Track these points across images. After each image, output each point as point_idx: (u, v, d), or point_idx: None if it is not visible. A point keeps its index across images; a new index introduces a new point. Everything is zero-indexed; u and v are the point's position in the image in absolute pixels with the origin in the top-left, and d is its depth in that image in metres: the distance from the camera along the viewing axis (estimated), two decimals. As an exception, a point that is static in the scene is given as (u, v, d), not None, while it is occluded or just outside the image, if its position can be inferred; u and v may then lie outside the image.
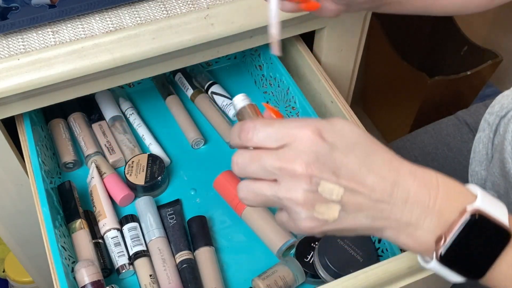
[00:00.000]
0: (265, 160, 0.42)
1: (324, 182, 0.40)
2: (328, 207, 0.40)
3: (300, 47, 0.73)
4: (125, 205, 0.67)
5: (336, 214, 0.40)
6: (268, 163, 0.41)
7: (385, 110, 1.36)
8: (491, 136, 0.70)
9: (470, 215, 0.39)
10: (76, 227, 0.60)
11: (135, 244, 0.61)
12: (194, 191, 0.68)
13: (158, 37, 0.57)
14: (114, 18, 0.58)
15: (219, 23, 0.59)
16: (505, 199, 0.66)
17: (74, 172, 0.70)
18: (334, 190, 0.40)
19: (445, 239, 0.39)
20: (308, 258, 0.59)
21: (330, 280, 0.54)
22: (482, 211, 0.39)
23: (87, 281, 0.54)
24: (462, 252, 0.39)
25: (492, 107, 0.70)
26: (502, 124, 0.68)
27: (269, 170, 0.42)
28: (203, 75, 0.80)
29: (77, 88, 0.60)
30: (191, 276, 0.59)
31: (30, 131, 0.63)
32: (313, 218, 0.41)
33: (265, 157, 0.42)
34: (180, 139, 0.74)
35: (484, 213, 0.39)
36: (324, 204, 0.40)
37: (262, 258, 0.62)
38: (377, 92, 1.36)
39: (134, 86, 0.80)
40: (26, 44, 0.56)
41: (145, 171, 0.66)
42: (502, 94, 0.70)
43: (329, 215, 0.41)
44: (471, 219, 0.39)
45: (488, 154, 0.71)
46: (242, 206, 0.63)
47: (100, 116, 0.74)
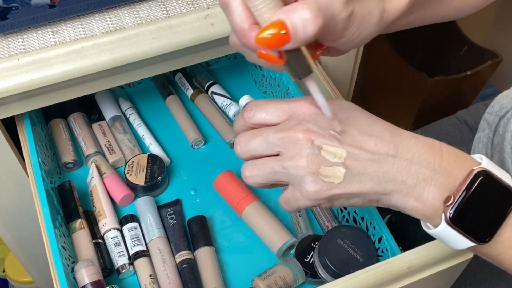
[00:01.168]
0: (267, 133, 0.42)
1: (327, 146, 0.41)
2: (332, 170, 0.41)
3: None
4: (125, 205, 0.67)
5: (341, 176, 0.41)
6: (270, 135, 0.42)
7: (385, 110, 1.36)
8: (491, 136, 0.70)
9: (477, 174, 0.39)
10: (76, 227, 0.60)
11: (135, 244, 0.61)
12: (194, 191, 0.68)
13: (158, 37, 0.57)
14: (114, 18, 0.58)
15: (219, 23, 0.59)
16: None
17: (74, 172, 0.70)
18: (337, 153, 0.41)
19: (454, 198, 0.39)
20: (308, 258, 0.59)
21: (330, 280, 0.54)
22: (488, 171, 0.39)
23: (87, 281, 0.54)
24: (470, 213, 0.39)
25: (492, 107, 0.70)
26: (501, 124, 0.68)
27: (271, 142, 0.42)
28: (203, 75, 0.80)
29: (77, 88, 0.60)
30: (191, 276, 0.59)
31: (30, 131, 0.63)
32: (319, 181, 0.41)
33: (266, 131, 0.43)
34: (180, 139, 0.74)
35: (491, 173, 0.39)
36: (328, 167, 0.41)
37: (262, 258, 0.62)
38: (377, 92, 1.36)
39: (134, 86, 0.80)
40: (26, 44, 0.56)
41: (145, 171, 0.66)
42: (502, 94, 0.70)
43: (334, 177, 0.41)
44: (478, 178, 0.39)
45: (488, 154, 0.71)
46: (242, 206, 0.63)
47: (100, 116, 0.74)
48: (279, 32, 0.35)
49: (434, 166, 0.40)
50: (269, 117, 0.43)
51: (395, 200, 0.41)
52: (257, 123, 0.44)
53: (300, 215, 0.64)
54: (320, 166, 0.41)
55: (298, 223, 0.63)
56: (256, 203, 0.63)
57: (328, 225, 0.63)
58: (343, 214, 0.64)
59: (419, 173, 0.40)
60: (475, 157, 0.41)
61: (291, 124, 0.42)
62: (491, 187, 0.39)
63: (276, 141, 0.42)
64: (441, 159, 0.40)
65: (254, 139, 0.43)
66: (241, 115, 0.45)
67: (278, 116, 0.43)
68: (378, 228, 0.58)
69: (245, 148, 0.44)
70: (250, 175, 0.44)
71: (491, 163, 0.40)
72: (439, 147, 0.41)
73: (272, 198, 0.68)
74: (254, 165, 0.44)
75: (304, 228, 0.63)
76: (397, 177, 0.40)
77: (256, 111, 0.44)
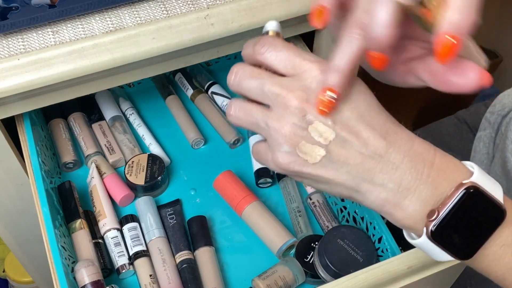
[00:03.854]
0: (266, 80, 0.40)
1: (317, 123, 0.38)
2: (312, 148, 0.39)
3: (300, 47, 0.73)
4: (125, 205, 0.67)
5: (318, 158, 0.39)
6: (268, 85, 0.40)
7: (385, 110, 1.35)
8: (493, 135, 0.70)
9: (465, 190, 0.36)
10: (76, 227, 0.60)
11: (135, 244, 0.61)
12: (194, 191, 0.68)
13: (158, 37, 0.57)
14: (114, 18, 0.58)
15: (219, 23, 0.59)
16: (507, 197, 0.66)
17: (74, 172, 0.70)
18: (325, 133, 0.38)
19: (438, 213, 0.36)
20: (308, 258, 0.59)
21: (330, 280, 0.54)
22: (478, 186, 0.37)
23: (87, 281, 0.54)
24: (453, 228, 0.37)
25: (493, 106, 0.70)
26: (503, 123, 0.68)
27: (265, 92, 0.40)
28: (203, 75, 0.80)
29: (77, 88, 0.60)
30: (191, 276, 0.59)
31: (30, 131, 0.63)
32: (293, 154, 0.39)
33: (266, 78, 0.40)
34: (180, 139, 0.74)
35: (481, 188, 0.37)
36: (309, 144, 0.39)
37: (262, 258, 0.62)
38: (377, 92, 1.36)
39: (134, 86, 0.80)
40: (26, 44, 0.56)
41: (145, 171, 0.66)
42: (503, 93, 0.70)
43: (310, 156, 0.39)
44: (466, 193, 0.36)
45: (489, 153, 0.71)
46: (242, 206, 0.63)
47: (100, 116, 0.74)
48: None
49: (421, 175, 0.37)
50: (277, 62, 0.40)
51: (370, 201, 0.39)
52: (263, 62, 0.41)
53: (300, 215, 0.64)
54: (301, 140, 0.39)
55: (298, 223, 0.63)
56: (256, 203, 0.63)
57: (328, 225, 0.63)
58: (343, 214, 0.64)
59: (403, 180, 0.37)
60: (467, 165, 0.39)
61: (293, 85, 0.39)
62: (480, 203, 0.37)
63: (270, 95, 0.39)
64: (431, 168, 0.38)
65: (251, 79, 0.41)
66: (253, 43, 0.42)
67: (286, 66, 0.40)
68: (378, 228, 0.58)
69: (238, 82, 0.42)
70: (234, 115, 0.42)
71: (482, 174, 0.38)
72: (432, 154, 0.38)
73: (272, 198, 0.68)
74: (241, 107, 0.42)
75: (304, 228, 0.63)
76: (378, 178, 0.38)
77: (268, 50, 0.41)
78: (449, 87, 0.38)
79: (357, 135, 0.38)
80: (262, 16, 0.60)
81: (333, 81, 0.38)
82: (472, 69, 0.37)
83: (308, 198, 0.66)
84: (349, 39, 0.37)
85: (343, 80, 0.38)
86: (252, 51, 0.42)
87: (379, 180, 0.38)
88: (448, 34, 0.34)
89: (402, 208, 0.38)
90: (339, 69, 0.38)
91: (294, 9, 0.61)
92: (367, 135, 0.38)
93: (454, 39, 0.34)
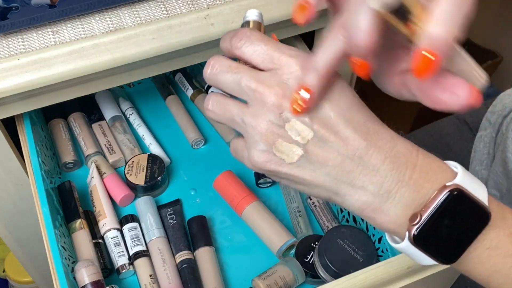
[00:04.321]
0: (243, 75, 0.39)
1: (295, 121, 0.37)
2: (289, 147, 0.37)
3: (300, 47, 0.73)
4: (125, 205, 0.67)
5: (295, 157, 0.37)
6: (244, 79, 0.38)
7: (385, 110, 1.36)
8: (494, 135, 0.70)
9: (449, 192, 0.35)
10: (76, 227, 0.60)
11: (135, 244, 0.61)
12: (194, 191, 0.68)
13: (158, 37, 0.57)
14: (114, 18, 0.58)
15: (219, 23, 0.59)
16: (508, 198, 0.66)
17: (74, 172, 0.70)
18: (302, 132, 0.37)
19: (421, 217, 0.35)
20: (308, 258, 0.59)
21: (330, 280, 0.54)
22: (462, 188, 0.35)
23: (87, 281, 0.54)
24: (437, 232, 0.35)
25: (494, 106, 0.70)
26: (504, 123, 0.68)
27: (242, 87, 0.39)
28: (203, 75, 0.80)
29: (77, 88, 0.60)
30: (191, 276, 0.59)
31: (30, 131, 0.63)
32: (269, 153, 0.38)
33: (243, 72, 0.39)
34: (180, 139, 0.74)
35: (465, 190, 0.35)
36: (286, 143, 0.37)
37: (262, 258, 0.62)
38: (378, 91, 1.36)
39: (134, 86, 0.80)
40: (26, 44, 0.56)
41: (145, 171, 0.66)
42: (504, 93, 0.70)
43: (287, 155, 0.37)
44: (450, 196, 0.35)
45: (490, 153, 0.71)
46: (242, 206, 0.63)
47: (100, 116, 0.74)
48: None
49: (403, 177, 0.36)
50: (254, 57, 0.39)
51: (350, 204, 0.38)
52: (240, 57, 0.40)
53: (300, 215, 0.64)
54: (278, 139, 0.37)
55: (298, 223, 0.63)
56: (256, 203, 0.63)
57: (328, 225, 0.63)
58: (343, 214, 0.64)
59: (384, 183, 0.36)
60: (451, 165, 0.37)
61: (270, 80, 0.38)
62: (463, 206, 0.35)
63: (247, 90, 0.38)
64: (413, 170, 0.36)
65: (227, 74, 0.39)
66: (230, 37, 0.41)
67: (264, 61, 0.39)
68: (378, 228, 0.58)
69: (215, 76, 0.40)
70: (211, 109, 0.41)
71: (466, 175, 0.36)
72: (415, 155, 0.37)
73: (272, 198, 0.68)
74: (218, 102, 0.41)
75: (304, 228, 0.63)
76: (358, 180, 0.36)
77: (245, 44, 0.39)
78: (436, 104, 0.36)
79: (337, 135, 0.37)
80: (262, 16, 0.60)
81: (310, 81, 0.36)
82: (461, 86, 0.35)
83: (308, 198, 0.66)
84: (332, 40, 0.36)
85: (320, 81, 0.37)
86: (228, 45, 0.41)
87: (359, 182, 0.37)
88: (426, 50, 0.32)
89: (383, 212, 0.36)
90: (317, 68, 0.36)
91: (294, 9, 0.61)
92: (346, 135, 0.37)
93: (433, 56, 0.32)
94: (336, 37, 0.36)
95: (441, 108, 0.36)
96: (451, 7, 0.31)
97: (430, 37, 0.32)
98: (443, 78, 0.35)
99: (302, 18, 0.38)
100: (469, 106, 0.35)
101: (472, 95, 0.35)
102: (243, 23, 0.44)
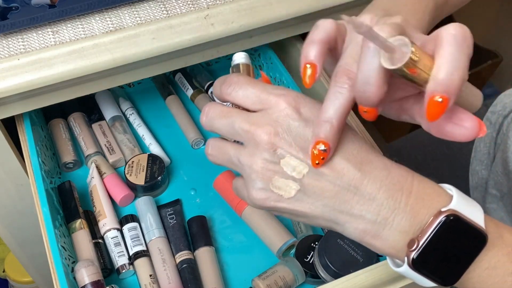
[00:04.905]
0: (235, 118, 0.40)
1: (289, 157, 0.38)
2: (286, 183, 0.38)
3: (300, 47, 0.73)
4: (125, 205, 0.67)
5: (292, 192, 0.38)
6: (237, 123, 0.40)
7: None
8: (494, 135, 0.70)
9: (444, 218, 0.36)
10: (76, 227, 0.60)
11: (135, 244, 0.61)
12: (194, 191, 0.68)
13: (158, 37, 0.57)
14: (114, 18, 0.58)
15: (219, 23, 0.59)
16: (508, 197, 0.66)
17: (74, 172, 0.70)
18: (297, 168, 0.38)
19: (418, 242, 0.36)
20: (308, 258, 0.59)
21: (330, 280, 0.54)
22: (457, 213, 0.36)
23: (87, 281, 0.54)
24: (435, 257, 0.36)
25: (495, 106, 0.70)
26: (505, 123, 0.68)
27: (236, 130, 0.40)
28: (203, 75, 0.80)
29: (77, 88, 0.60)
30: (191, 276, 0.59)
31: (30, 131, 0.63)
32: (267, 190, 0.39)
33: (236, 116, 0.40)
34: (180, 139, 0.74)
35: (460, 215, 0.36)
36: (282, 179, 0.38)
37: (262, 258, 0.62)
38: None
39: (134, 86, 0.80)
40: (26, 44, 0.56)
41: (145, 171, 0.66)
42: (504, 93, 0.70)
43: (285, 191, 0.39)
44: (446, 221, 0.36)
45: (490, 153, 0.71)
46: (242, 206, 0.63)
47: (100, 116, 0.74)
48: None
49: (399, 205, 0.37)
50: (243, 100, 0.41)
51: (349, 232, 0.39)
52: (231, 101, 0.42)
53: (300, 215, 0.64)
54: (274, 175, 0.38)
55: (298, 223, 0.63)
56: (256, 203, 0.63)
57: (328, 225, 0.63)
58: (343, 214, 0.64)
59: (381, 211, 0.37)
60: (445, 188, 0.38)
61: (261, 120, 0.39)
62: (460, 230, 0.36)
63: (240, 132, 0.40)
64: (408, 196, 0.37)
65: (222, 119, 0.41)
66: (220, 84, 0.43)
67: (254, 103, 0.40)
68: (378, 228, 0.58)
69: (210, 123, 0.42)
70: (210, 153, 0.43)
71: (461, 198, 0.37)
72: (410, 181, 0.38)
73: (272, 198, 0.68)
74: (215, 146, 0.42)
75: (304, 228, 0.63)
76: (355, 209, 0.38)
77: (234, 89, 0.41)
78: (444, 135, 0.38)
79: (331, 167, 0.38)
80: (262, 16, 0.60)
81: (325, 134, 0.38)
82: (468, 119, 0.37)
83: (308, 198, 0.66)
84: (338, 91, 0.38)
85: (333, 132, 0.38)
86: (219, 91, 0.43)
87: (356, 211, 0.38)
88: (436, 95, 0.34)
89: (382, 238, 0.38)
90: (329, 121, 0.38)
91: (294, 9, 0.61)
92: (341, 167, 0.38)
93: (443, 99, 0.34)
94: (342, 86, 0.37)
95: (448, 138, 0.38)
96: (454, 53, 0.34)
97: (439, 84, 0.34)
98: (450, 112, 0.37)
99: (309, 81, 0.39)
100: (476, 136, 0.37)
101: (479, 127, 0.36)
102: (232, 67, 0.47)
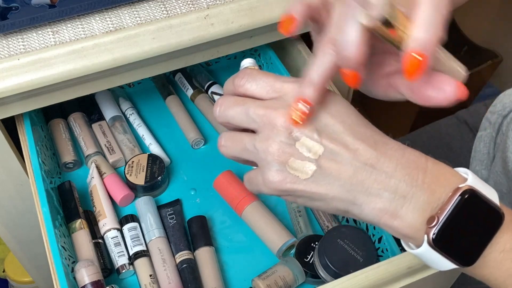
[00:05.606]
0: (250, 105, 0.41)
1: (304, 138, 0.39)
2: (302, 164, 0.39)
3: (300, 47, 0.73)
4: (125, 205, 0.67)
5: (309, 172, 0.38)
6: (252, 108, 0.40)
7: (385, 110, 1.36)
8: (494, 135, 0.70)
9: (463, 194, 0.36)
10: (76, 227, 0.60)
11: (135, 244, 0.61)
12: (194, 191, 0.68)
13: (158, 37, 0.57)
14: (114, 18, 0.58)
15: (219, 23, 0.59)
16: (508, 198, 0.66)
17: (74, 172, 0.70)
18: (313, 148, 0.38)
19: (438, 219, 0.36)
20: (308, 258, 0.59)
21: (330, 280, 0.54)
22: (475, 189, 0.37)
23: (87, 281, 0.54)
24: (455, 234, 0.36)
25: (494, 106, 0.70)
26: (504, 123, 0.68)
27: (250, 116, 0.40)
28: (203, 75, 0.80)
29: (77, 88, 0.60)
30: (191, 276, 0.59)
31: (30, 131, 0.63)
32: (284, 172, 0.39)
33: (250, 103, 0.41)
34: (180, 139, 0.74)
35: (478, 191, 0.37)
36: (298, 161, 0.39)
37: (262, 258, 0.62)
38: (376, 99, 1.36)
39: (134, 86, 0.80)
40: (26, 44, 0.56)
41: (145, 171, 0.66)
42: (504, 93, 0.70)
43: (301, 172, 0.39)
44: (464, 197, 0.36)
45: (490, 153, 0.71)
46: (242, 206, 0.63)
47: (100, 116, 0.74)
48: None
49: (416, 182, 0.37)
50: (258, 90, 0.41)
51: (367, 213, 0.38)
52: (245, 93, 0.42)
53: (300, 215, 0.64)
54: (290, 157, 0.39)
55: (298, 223, 0.63)
56: (256, 203, 0.63)
57: (328, 225, 0.63)
58: (343, 214, 0.64)
59: (398, 188, 0.37)
60: (460, 171, 0.39)
61: (276, 105, 0.40)
62: (478, 207, 0.37)
63: (255, 117, 0.40)
64: (424, 174, 0.37)
65: (235, 107, 0.41)
66: (232, 79, 0.43)
67: (268, 92, 0.41)
68: (378, 228, 0.58)
69: (223, 112, 0.42)
70: (224, 144, 0.43)
71: (477, 179, 0.38)
72: (424, 161, 0.38)
73: (272, 198, 0.68)
74: (229, 137, 0.43)
75: (304, 228, 0.63)
76: (373, 189, 0.38)
77: (247, 81, 0.42)
78: (426, 101, 0.39)
79: (347, 147, 0.38)
80: (262, 16, 0.60)
81: (307, 93, 0.39)
82: (447, 83, 0.37)
83: (308, 198, 0.66)
84: (323, 55, 0.38)
85: (316, 93, 0.39)
86: (232, 86, 0.43)
87: (374, 190, 0.38)
88: (414, 52, 0.34)
89: (400, 217, 0.37)
90: (313, 82, 0.39)
91: (294, 9, 0.61)
92: (356, 147, 0.38)
93: (421, 57, 0.34)
94: (327, 51, 0.38)
95: (431, 104, 0.39)
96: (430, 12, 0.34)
97: (416, 41, 0.34)
98: (430, 77, 0.37)
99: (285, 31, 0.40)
100: (457, 99, 0.37)
101: (459, 89, 0.37)
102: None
